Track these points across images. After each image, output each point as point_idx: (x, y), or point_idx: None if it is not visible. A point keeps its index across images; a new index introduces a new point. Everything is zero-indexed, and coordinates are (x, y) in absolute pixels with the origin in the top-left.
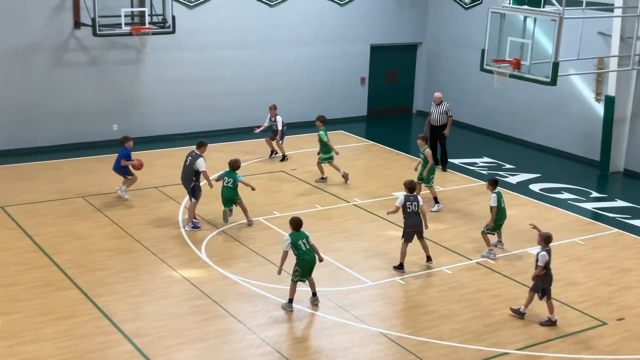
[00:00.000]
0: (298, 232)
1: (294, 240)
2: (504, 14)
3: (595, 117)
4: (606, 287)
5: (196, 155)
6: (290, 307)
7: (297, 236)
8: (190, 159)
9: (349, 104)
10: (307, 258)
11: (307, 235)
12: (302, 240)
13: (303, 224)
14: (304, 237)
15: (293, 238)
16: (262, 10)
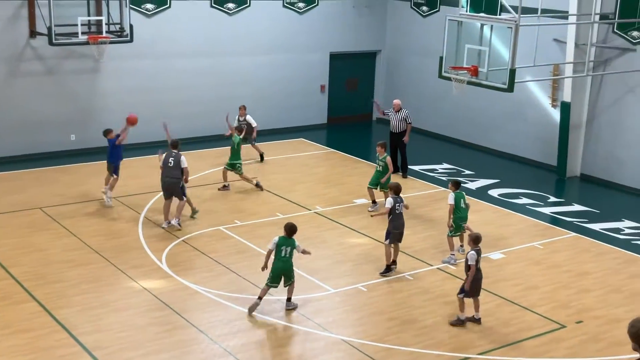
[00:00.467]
0: (287, 238)
1: (279, 243)
2: (461, 22)
3: (551, 123)
4: (565, 290)
5: (177, 154)
6: (257, 303)
7: (284, 241)
8: (173, 159)
9: (309, 112)
10: (279, 265)
11: (295, 244)
12: (285, 247)
13: (296, 231)
14: (291, 244)
15: (280, 241)
16: (221, 19)
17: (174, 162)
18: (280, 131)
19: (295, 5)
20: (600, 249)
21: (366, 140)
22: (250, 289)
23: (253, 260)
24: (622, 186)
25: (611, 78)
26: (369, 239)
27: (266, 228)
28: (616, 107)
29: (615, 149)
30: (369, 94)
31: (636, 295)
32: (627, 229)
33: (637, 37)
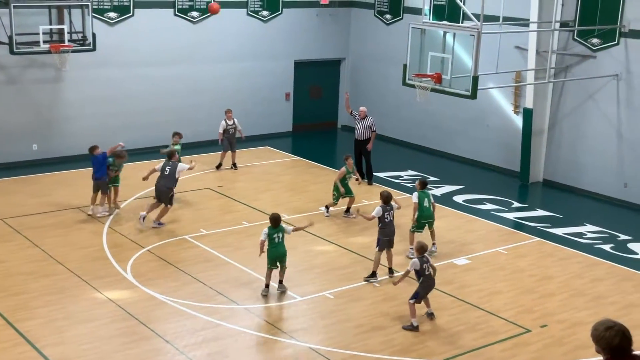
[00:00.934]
0: (275, 228)
1: (269, 233)
2: (424, 30)
3: (514, 129)
4: (529, 295)
5: (174, 163)
6: (265, 292)
7: (273, 231)
8: (170, 168)
9: (274, 120)
10: (273, 250)
11: (284, 228)
12: (277, 234)
13: (280, 220)
14: (281, 231)
15: (269, 231)
16: (185, 27)
17: (170, 171)
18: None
19: (259, 13)
20: (564, 254)
21: (331, 147)
22: (217, 298)
23: (219, 269)
24: (584, 191)
25: (572, 85)
26: (335, 246)
27: (232, 236)
28: (577, 113)
29: (576, 155)
30: (333, 101)
31: (599, 298)
32: (589, 233)
33: (596, 44)
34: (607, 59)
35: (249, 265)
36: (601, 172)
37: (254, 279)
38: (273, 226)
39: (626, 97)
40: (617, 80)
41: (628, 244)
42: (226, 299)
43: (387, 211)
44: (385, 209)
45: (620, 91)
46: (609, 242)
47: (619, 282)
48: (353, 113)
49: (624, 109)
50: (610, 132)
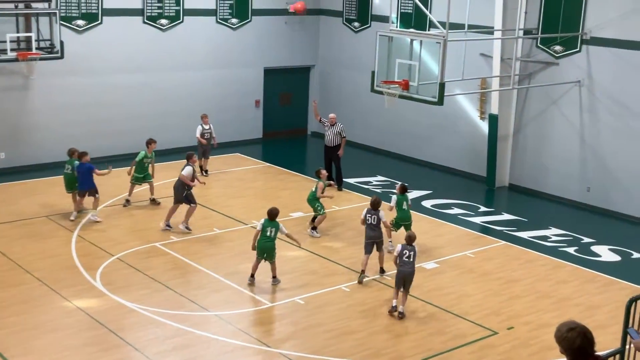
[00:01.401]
0: (271, 221)
1: (264, 224)
2: (392, 37)
3: (480, 134)
4: (496, 297)
5: (185, 166)
6: (251, 281)
7: (268, 224)
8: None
9: (244, 127)
10: (261, 242)
11: (279, 225)
12: (270, 228)
13: (278, 214)
14: (275, 226)
15: (265, 223)
16: (154, 35)
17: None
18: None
19: (228, 21)
20: (529, 257)
21: (301, 154)
22: (188, 305)
23: (190, 276)
24: (548, 195)
25: (536, 91)
26: (306, 251)
27: (203, 244)
28: (541, 118)
29: (541, 159)
30: (303, 108)
31: (564, 300)
32: (554, 236)
33: (559, 52)
34: (570, 66)
35: (220, 272)
36: (565, 177)
37: (225, 286)
38: (269, 219)
39: (588, 102)
40: (579, 86)
41: (591, 246)
42: (197, 306)
43: (370, 214)
44: (369, 212)
45: (582, 97)
46: (573, 244)
47: (583, 284)
48: (322, 120)
49: (586, 115)
50: (574, 137)
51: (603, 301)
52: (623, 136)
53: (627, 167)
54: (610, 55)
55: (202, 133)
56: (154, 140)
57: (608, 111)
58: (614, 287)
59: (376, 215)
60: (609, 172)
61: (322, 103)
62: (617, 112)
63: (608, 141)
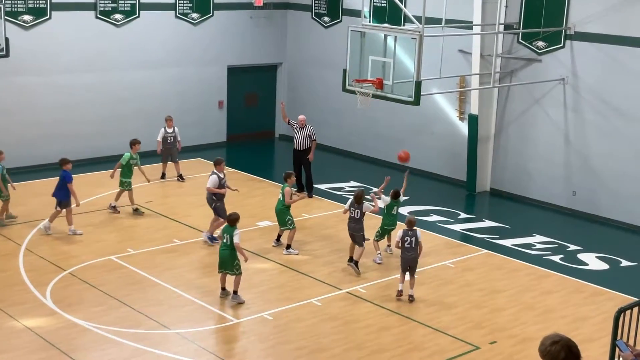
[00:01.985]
0: (229, 227)
1: (223, 230)
2: (364, 33)
3: (460, 136)
4: (478, 310)
5: (211, 173)
6: (223, 294)
7: (226, 229)
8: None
9: (206, 130)
10: (220, 252)
11: (233, 232)
12: (226, 235)
13: (237, 220)
14: (229, 233)
15: (224, 229)
16: (107, 31)
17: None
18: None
19: (188, 15)
20: (512, 266)
21: (269, 158)
22: (146, 322)
23: (148, 291)
24: (532, 200)
25: (518, 89)
26: (274, 263)
27: (162, 256)
28: (523, 119)
29: (523, 162)
30: (270, 109)
31: (549, 312)
32: (538, 244)
33: (542, 47)
34: (553, 63)
35: (181, 287)
36: (549, 180)
37: (186, 301)
38: (229, 225)
39: (573, 101)
40: (563, 84)
41: (578, 254)
42: (156, 323)
43: (354, 208)
44: (352, 205)
45: (567, 96)
46: (559, 252)
47: (569, 294)
48: (291, 122)
49: (571, 114)
50: (558, 138)
51: (591, 312)
52: (610, 137)
53: (614, 169)
54: (596, 51)
55: (165, 137)
56: (138, 141)
57: (594, 110)
58: (602, 298)
59: (359, 209)
60: (596, 175)
61: (291, 104)
62: (604, 112)
63: (594, 142)
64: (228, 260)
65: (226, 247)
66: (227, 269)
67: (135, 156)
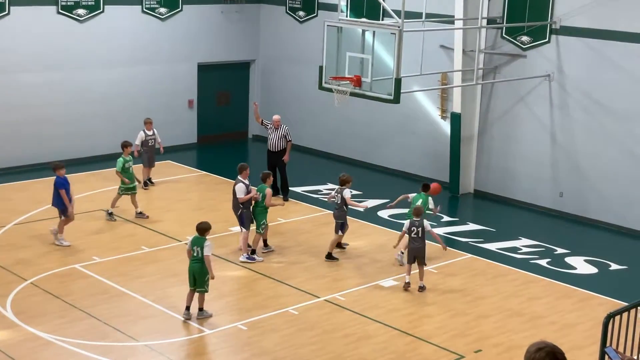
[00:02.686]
0: (199, 237)
1: (192, 242)
2: (341, 28)
3: (442, 136)
4: (462, 317)
5: (237, 181)
6: (187, 315)
7: (196, 241)
8: (235, 185)
9: (176, 130)
10: (190, 266)
11: (203, 244)
12: (196, 247)
13: (207, 230)
14: (200, 244)
15: (192, 240)
16: (70, 26)
17: (234, 190)
18: None
19: (156, 10)
20: (498, 271)
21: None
22: (112, 334)
23: (115, 301)
24: (518, 202)
25: (502, 86)
26: (248, 270)
27: (130, 264)
28: (508, 117)
29: (508, 163)
30: (243, 108)
31: (536, 318)
32: (524, 247)
33: (527, 42)
34: (538, 58)
35: (149, 296)
36: (535, 181)
37: (155, 311)
38: (198, 234)
39: (559, 98)
40: (549, 80)
41: (565, 257)
42: (124, 335)
43: (337, 193)
44: (336, 191)
45: (552, 92)
46: (546, 256)
47: (557, 300)
48: (264, 123)
49: (557, 112)
50: (544, 137)
51: (579, 318)
52: (598, 135)
53: (602, 169)
54: (583, 46)
55: (145, 140)
56: (130, 143)
57: (581, 108)
58: (591, 303)
59: (340, 194)
60: (583, 175)
61: (265, 103)
62: (591, 109)
63: (582, 141)
64: (200, 275)
65: (197, 260)
66: (197, 286)
67: (129, 158)
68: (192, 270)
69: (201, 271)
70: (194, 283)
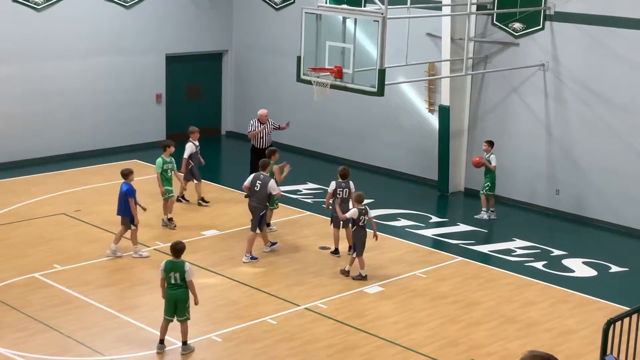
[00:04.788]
0: (174, 262)
1: (166, 269)
2: (320, 15)
3: (430, 130)
4: (453, 324)
5: (265, 178)
6: (160, 349)
7: (171, 266)
8: (260, 182)
9: (143, 127)
10: (169, 294)
11: (184, 268)
12: (173, 273)
13: (184, 250)
14: (179, 270)
15: (166, 266)
16: (26, 16)
17: (261, 186)
18: (107, 152)
19: None
20: (490, 274)
21: (215, 158)
22: (76, 348)
23: (79, 313)
24: (511, 200)
25: (493, 77)
26: (223, 277)
27: (94, 272)
28: (500, 109)
29: (501, 158)
30: (215, 102)
31: (532, 325)
32: (519, 249)
33: (519, 30)
34: (532, 47)
35: (116, 307)
36: (530, 178)
37: (122, 323)
38: (174, 258)
39: (554, 89)
40: (543, 70)
41: (563, 260)
42: (88, 349)
43: (341, 188)
44: (339, 185)
45: (547, 83)
46: (542, 258)
47: (554, 305)
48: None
49: (552, 104)
50: (539, 130)
51: (578, 324)
52: (596, 129)
53: (601, 165)
54: (579, 33)
55: (195, 152)
56: (171, 143)
57: (578, 99)
58: (590, 308)
59: (347, 188)
60: (581, 171)
61: (239, 96)
62: (589, 100)
63: (579, 135)
64: (181, 303)
65: (178, 286)
66: (179, 314)
67: (169, 160)
68: (173, 298)
69: (182, 298)
70: (173, 312)
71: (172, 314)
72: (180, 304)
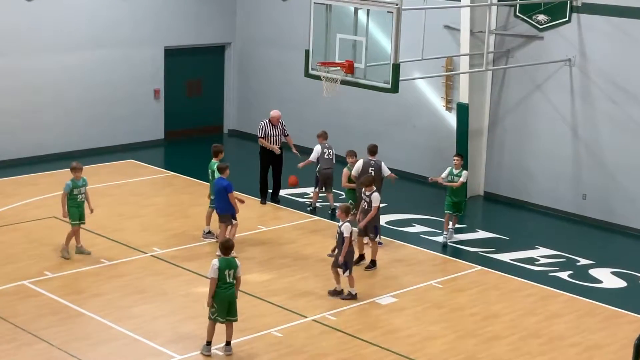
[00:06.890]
0: (227, 259)
1: (221, 267)
2: (330, 6)
3: (447, 130)
4: (471, 338)
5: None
6: (208, 351)
7: (225, 264)
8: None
9: (139, 125)
10: (225, 294)
11: (238, 265)
12: (228, 270)
13: (233, 247)
14: (234, 267)
15: (221, 264)
16: (16, 5)
17: (375, 172)
18: (101, 151)
19: None
20: (512, 285)
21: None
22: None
23: (71, 323)
24: (534, 205)
25: (515, 72)
26: None
27: (87, 279)
28: (523, 108)
29: (523, 160)
30: (217, 99)
31: (557, 340)
32: (542, 258)
33: (543, 22)
34: (557, 40)
35: (110, 317)
36: (554, 182)
37: (116, 334)
38: (225, 256)
39: (581, 86)
40: (569, 65)
41: (589, 269)
42: None
43: (371, 166)
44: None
45: (573, 79)
46: (567, 268)
47: (580, 318)
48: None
49: (579, 101)
50: (564, 130)
51: (606, 339)
52: (625, 128)
53: (631, 167)
54: (608, 25)
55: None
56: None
57: (606, 97)
58: (619, 321)
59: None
60: (609, 174)
61: (242, 93)
62: (617, 98)
63: (607, 135)
64: (235, 302)
65: (231, 285)
66: (231, 315)
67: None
68: (228, 299)
69: (235, 297)
70: (227, 313)
71: (225, 315)
72: (234, 303)
